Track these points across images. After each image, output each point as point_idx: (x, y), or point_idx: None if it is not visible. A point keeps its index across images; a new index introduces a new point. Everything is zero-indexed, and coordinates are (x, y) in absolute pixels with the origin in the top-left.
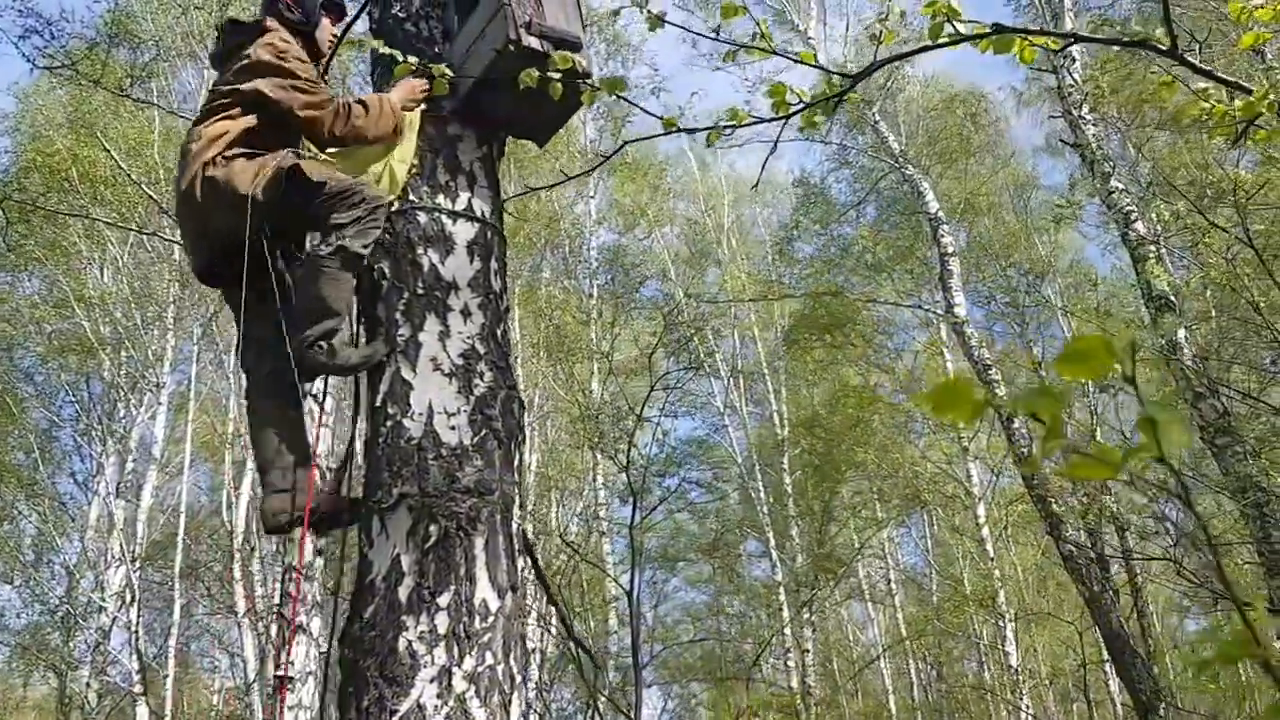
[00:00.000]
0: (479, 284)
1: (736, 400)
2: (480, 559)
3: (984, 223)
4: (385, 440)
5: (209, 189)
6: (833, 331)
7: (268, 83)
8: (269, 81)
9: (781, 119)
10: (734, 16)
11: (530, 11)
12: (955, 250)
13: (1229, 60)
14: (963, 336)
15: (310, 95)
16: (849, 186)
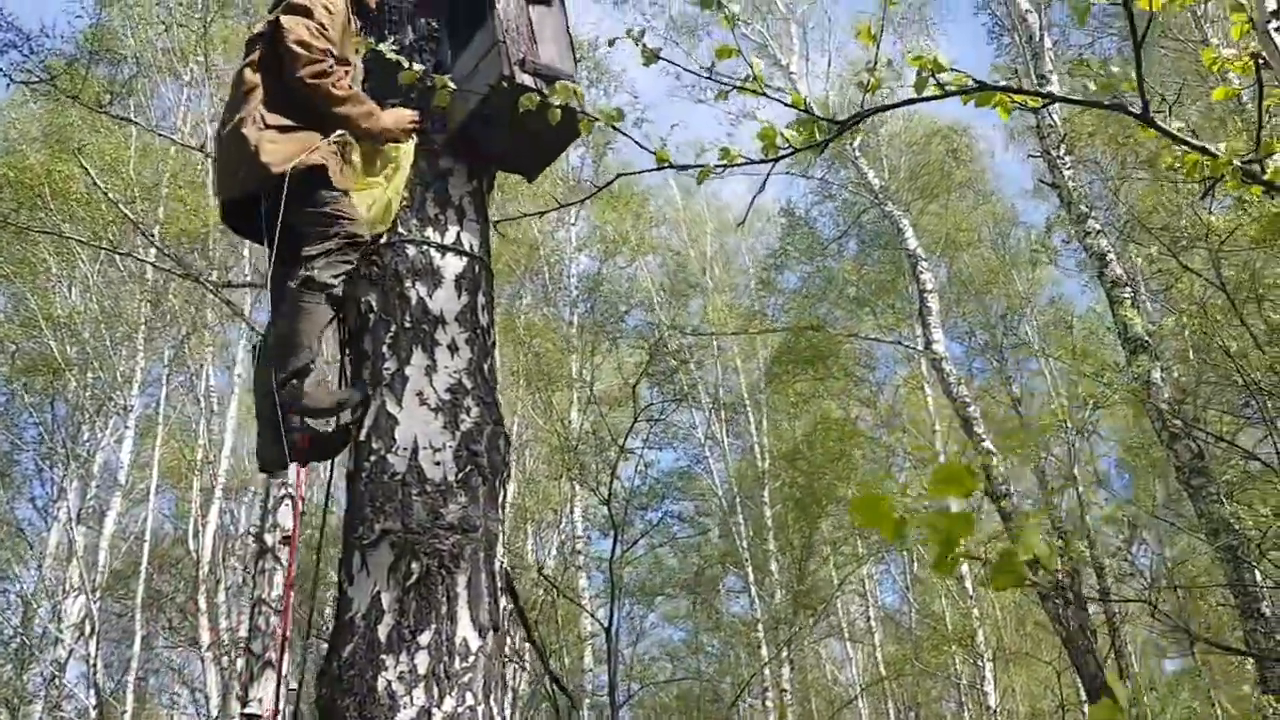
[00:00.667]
0: (466, 318)
1: (718, 431)
2: (462, 597)
3: (964, 258)
4: (368, 475)
5: (239, 146)
6: (814, 364)
7: (289, 18)
8: (291, 18)
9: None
10: (728, 57)
11: (524, 49)
12: (934, 287)
13: (1207, 105)
14: (941, 373)
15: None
16: (832, 220)
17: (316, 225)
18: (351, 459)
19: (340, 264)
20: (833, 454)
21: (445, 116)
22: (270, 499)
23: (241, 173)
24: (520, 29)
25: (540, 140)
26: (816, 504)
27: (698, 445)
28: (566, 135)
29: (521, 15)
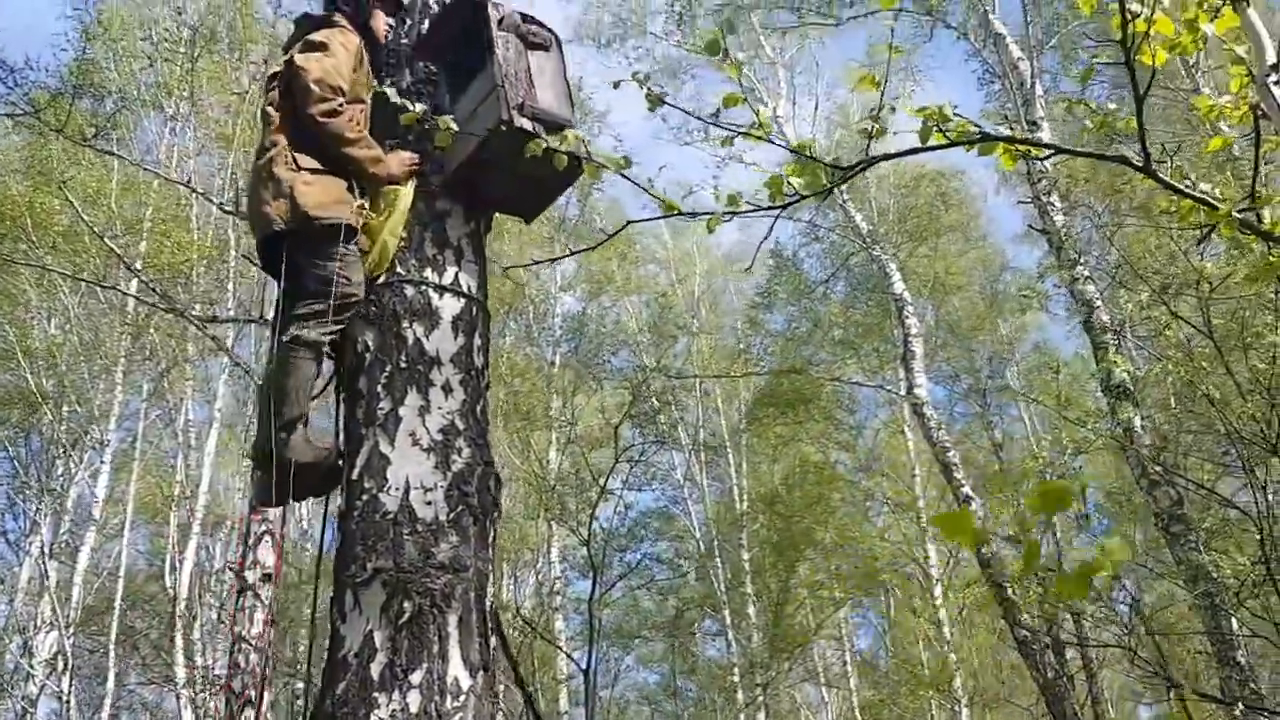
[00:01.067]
0: (461, 360)
1: (697, 473)
2: (453, 636)
3: (953, 302)
4: (360, 514)
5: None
6: (795, 408)
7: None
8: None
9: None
10: (734, 105)
11: (523, 93)
12: (919, 332)
13: (1195, 152)
14: (923, 418)
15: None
16: (819, 261)
17: (316, 283)
18: (343, 498)
19: (331, 324)
20: (811, 498)
21: (443, 159)
22: (251, 535)
23: (275, 212)
24: (519, 74)
25: (538, 184)
26: (794, 548)
27: (676, 486)
28: (564, 179)
29: (520, 60)
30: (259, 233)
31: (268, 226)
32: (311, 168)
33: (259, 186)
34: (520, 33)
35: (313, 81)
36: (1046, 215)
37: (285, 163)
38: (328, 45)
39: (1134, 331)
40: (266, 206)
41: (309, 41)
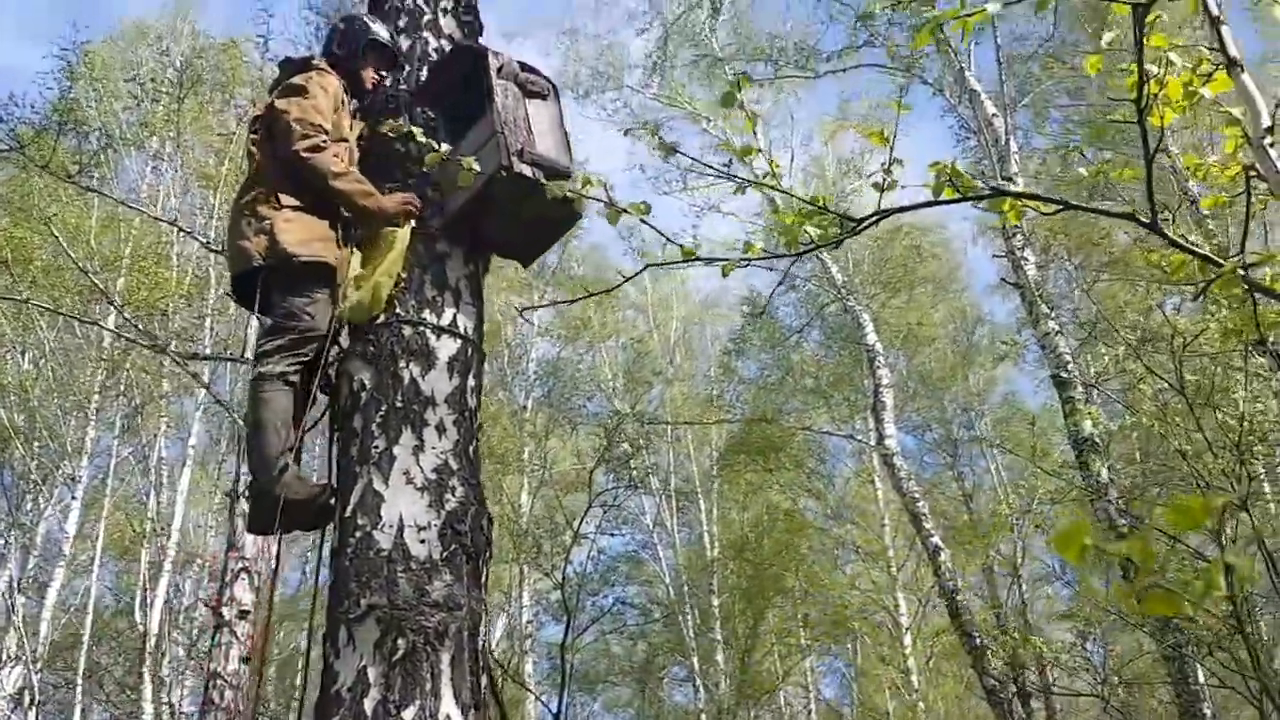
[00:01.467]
0: (456, 400)
1: (668, 518)
2: (446, 675)
3: (924, 353)
4: (354, 550)
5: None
6: (766, 455)
7: (284, 100)
8: (286, 100)
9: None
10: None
11: (523, 140)
12: (890, 383)
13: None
14: (892, 469)
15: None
16: (794, 309)
17: (281, 317)
18: (336, 535)
19: (294, 358)
20: (781, 545)
21: (444, 202)
22: (228, 572)
23: (255, 248)
24: (518, 121)
25: (536, 228)
26: (762, 595)
27: (646, 531)
28: (562, 224)
29: (519, 108)
30: (237, 267)
31: (246, 262)
32: (293, 205)
33: (239, 223)
34: (519, 81)
35: (293, 121)
36: (1020, 269)
37: (267, 201)
38: (306, 88)
39: (1106, 385)
40: (246, 242)
41: (288, 85)
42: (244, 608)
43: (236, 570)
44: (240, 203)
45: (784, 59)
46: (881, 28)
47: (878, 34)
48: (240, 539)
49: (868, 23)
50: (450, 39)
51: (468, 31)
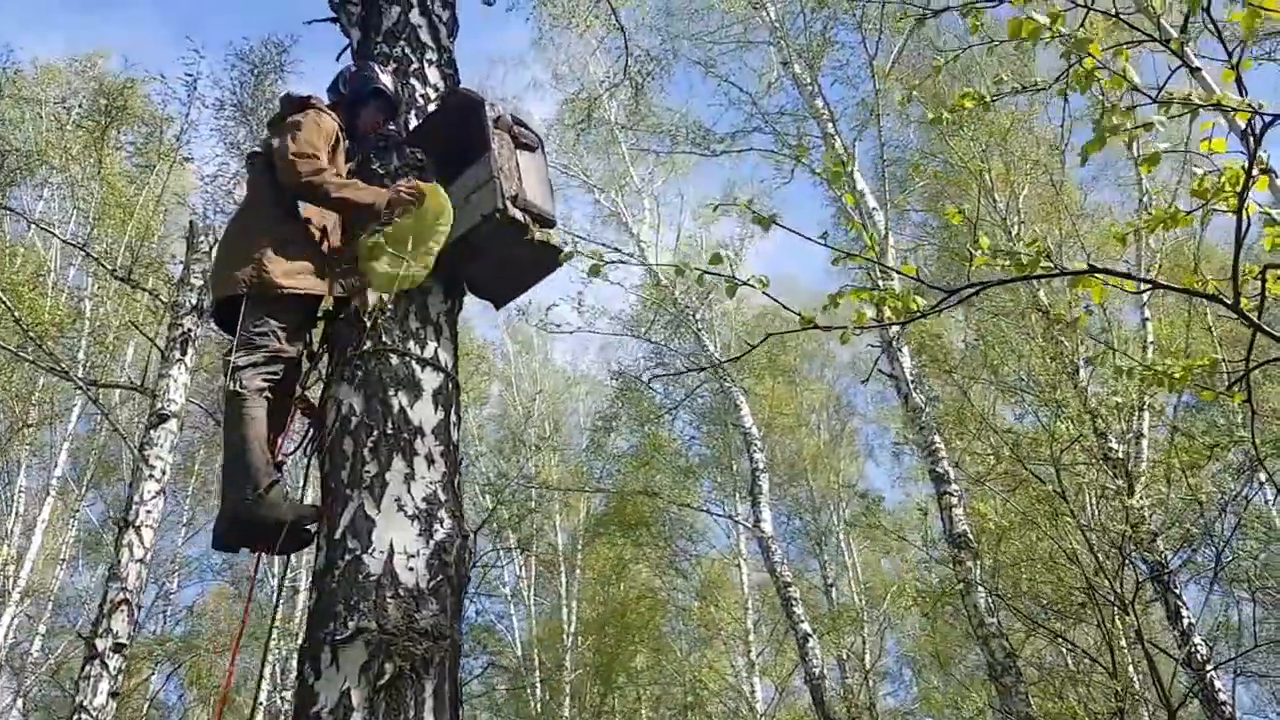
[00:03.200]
0: (441, 433)
1: (525, 588)
2: (429, 704)
3: (786, 441)
4: (342, 573)
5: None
6: (636, 529)
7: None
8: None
9: (900, 323)
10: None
11: (515, 187)
12: (766, 466)
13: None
14: (767, 552)
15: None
16: (664, 387)
17: (254, 336)
18: (321, 556)
19: (267, 375)
20: (641, 622)
21: None
22: (106, 603)
23: (243, 276)
24: (511, 169)
25: (516, 272)
26: (616, 673)
27: (505, 600)
28: (540, 270)
29: (512, 158)
30: (221, 293)
31: (231, 288)
32: (287, 237)
33: (230, 252)
34: (512, 133)
35: (291, 154)
36: (896, 361)
37: (262, 230)
38: (301, 123)
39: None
40: (233, 269)
41: (288, 123)
42: (120, 640)
43: (116, 601)
44: (231, 231)
45: (681, 134)
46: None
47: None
48: (124, 570)
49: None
50: (435, 88)
51: (449, 83)
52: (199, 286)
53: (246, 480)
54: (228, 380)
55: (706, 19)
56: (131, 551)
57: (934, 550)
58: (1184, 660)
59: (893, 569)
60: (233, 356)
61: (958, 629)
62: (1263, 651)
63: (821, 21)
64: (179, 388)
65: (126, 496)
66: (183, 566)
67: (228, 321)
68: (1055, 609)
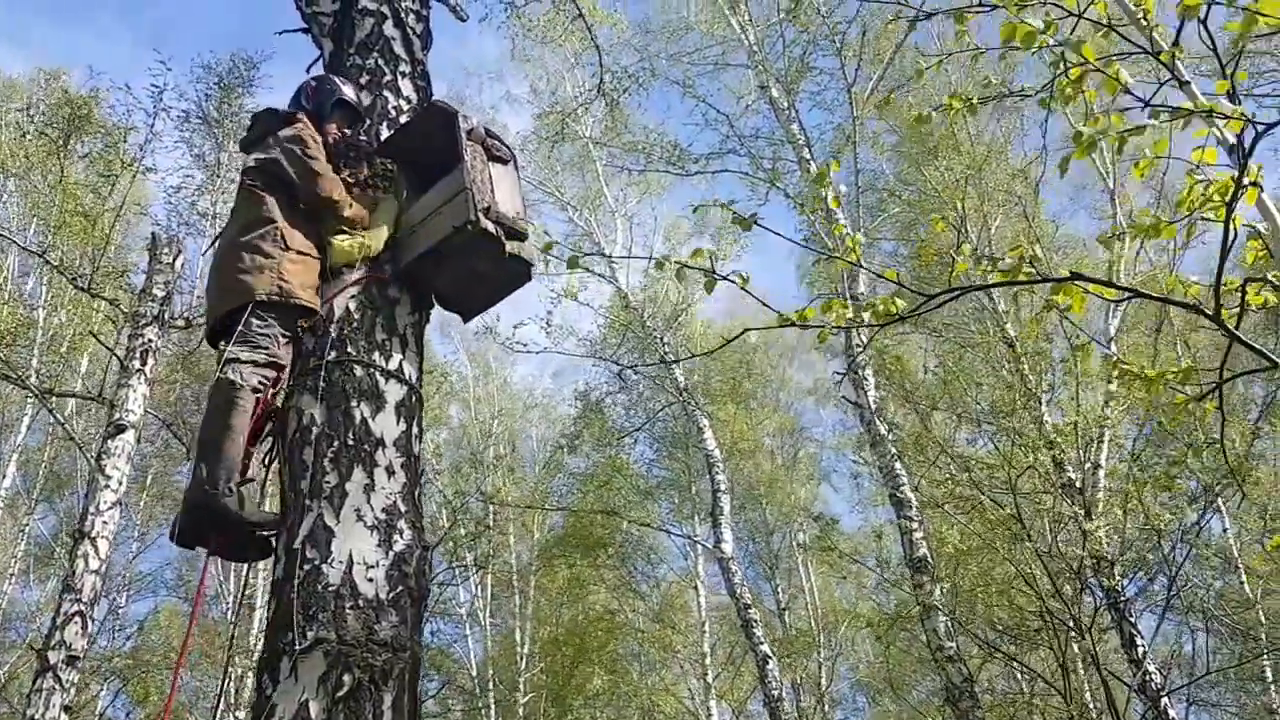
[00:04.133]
0: (402, 445)
1: (480, 610)
2: (387, 716)
3: (748, 464)
4: (301, 583)
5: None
6: (594, 551)
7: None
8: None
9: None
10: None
11: (488, 199)
12: (728, 488)
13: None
14: (728, 573)
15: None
16: (625, 410)
17: (257, 336)
18: (280, 566)
19: (263, 375)
20: (597, 644)
21: (398, 249)
22: (60, 615)
23: (258, 283)
24: (484, 182)
25: (485, 285)
26: (571, 695)
27: (459, 621)
28: (511, 284)
29: (484, 170)
30: (231, 302)
31: (244, 296)
32: (299, 250)
33: (235, 259)
34: (485, 145)
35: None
36: (860, 389)
37: (274, 241)
38: (305, 140)
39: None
40: (246, 277)
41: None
42: (73, 653)
43: (70, 614)
44: (240, 240)
45: (656, 155)
46: (748, 136)
47: (745, 141)
48: (79, 581)
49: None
50: (408, 100)
51: (422, 96)
52: (160, 297)
53: (219, 468)
54: (222, 369)
55: (685, 39)
56: (87, 563)
57: (890, 574)
58: (1138, 687)
59: (847, 594)
60: (233, 349)
61: (912, 654)
62: (1213, 681)
63: (801, 46)
64: (138, 398)
65: (82, 508)
66: (134, 581)
67: (222, 334)
68: (1012, 634)
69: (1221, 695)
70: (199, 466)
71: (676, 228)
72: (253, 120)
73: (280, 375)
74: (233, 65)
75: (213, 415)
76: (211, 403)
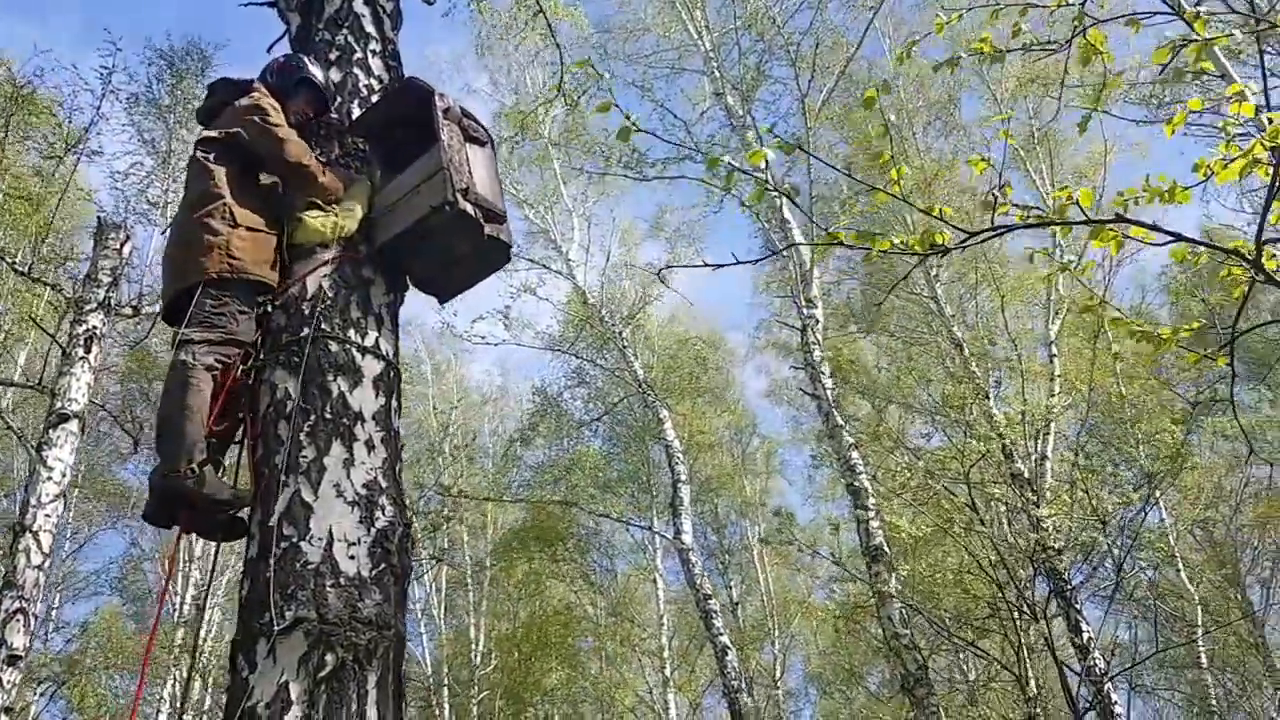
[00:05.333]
0: (382, 419)
1: (435, 606)
2: (372, 695)
3: (704, 459)
4: (278, 561)
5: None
6: (552, 544)
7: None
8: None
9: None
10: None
11: (466, 180)
12: (687, 479)
13: None
14: (687, 564)
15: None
16: (583, 404)
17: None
18: (254, 544)
19: (220, 355)
20: (554, 640)
21: (373, 230)
22: (1, 612)
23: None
24: (461, 162)
25: (463, 266)
26: (527, 691)
27: (414, 618)
28: (489, 266)
29: (461, 151)
30: (184, 281)
31: (196, 274)
32: (249, 226)
33: (185, 237)
34: (462, 126)
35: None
36: (817, 381)
37: (223, 218)
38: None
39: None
40: (196, 255)
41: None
42: (15, 652)
43: (12, 611)
44: (191, 218)
45: (614, 157)
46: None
47: (700, 147)
48: (20, 577)
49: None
50: (379, 79)
51: (393, 75)
52: (107, 283)
53: (180, 450)
54: (178, 352)
55: (642, 40)
56: (29, 557)
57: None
58: (1084, 672)
59: (800, 587)
60: (186, 330)
61: (863, 644)
62: (1150, 668)
63: (757, 55)
64: (81, 387)
65: (22, 500)
66: (66, 580)
67: (180, 313)
68: (966, 620)
69: (1157, 680)
70: (158, 449)
71: (632, 230)
72: (209, 90)
73: (242, 351)
74: (188, 49)
75: (168, 397)
76: (167, 385)
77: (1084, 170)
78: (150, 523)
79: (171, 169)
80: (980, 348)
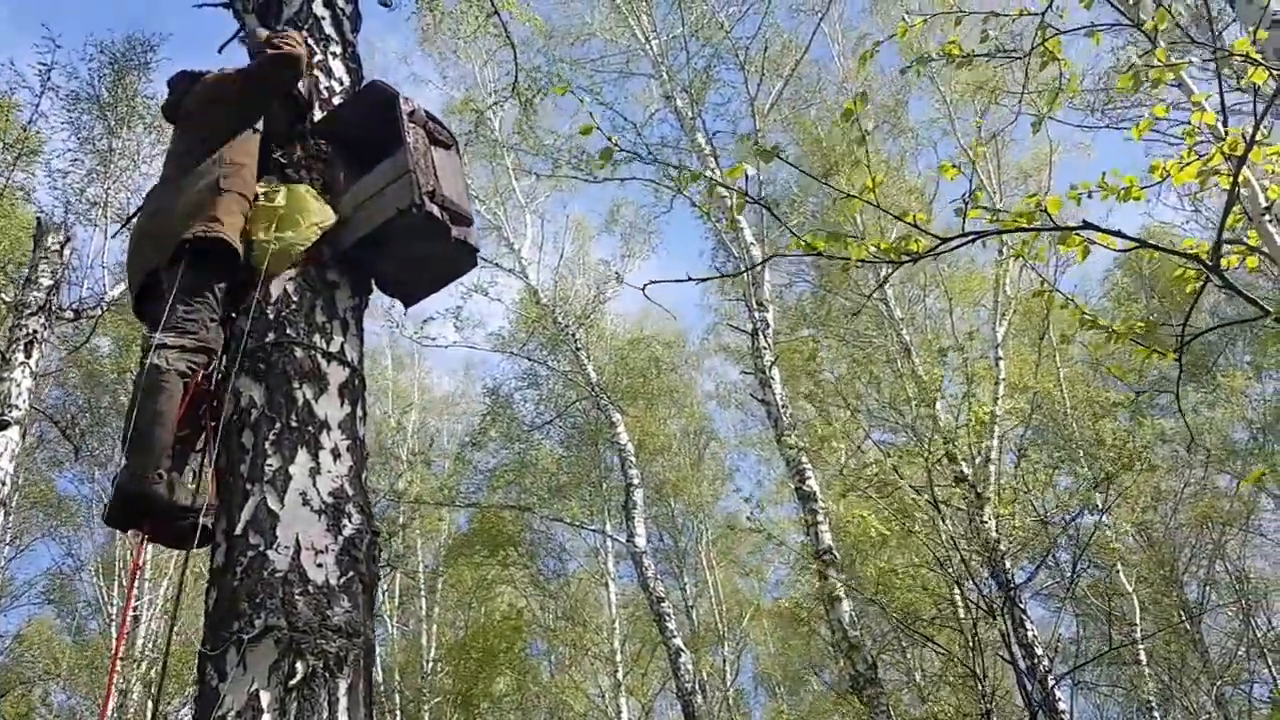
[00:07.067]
0: (348, 427)
1: (389, 615)
2: (343, 703)
3: (656, 462)
4: (244, 569)
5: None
6: (503, 548)
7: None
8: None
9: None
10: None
11: (432, 183)
12: (640, 482)
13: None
14: (640, 567)
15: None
16: (534, 407)
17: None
18: (220, 553)
19: (192, 361)
20: (504, 645)
21: (338, 233)
22: None
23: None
24: (426, 164)
25: (429, 269)
26: (477, 699)
27: None
28: (456, 270)
29: (427, 153)
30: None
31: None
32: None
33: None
34: (427, 128)
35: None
36: (768, 386)
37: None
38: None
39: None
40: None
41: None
42: None
43: None
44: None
45: (564, 158)
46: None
47: (651, 149)
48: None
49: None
50: (340, 82)
51: (354, 78)
52: (47, 286)
53: (148, 457)
54: (151, 356)
55: (588, 44)
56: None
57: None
58: (1028, 671)
59: (753, 588)
60: (159, 335)
61: (812, 647)
62: (1091, 666)
63: (705, 59)
64: (21, 393)
65: None
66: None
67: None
68: (919, 617)
69: (1098, 677)
70: (127, 453)
71: (585, 225)
72: (169, 86)
73: (210, 360)
74: (129, 45)
75: (140, 402)
76: (138, 390)
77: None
78: (110, 525)
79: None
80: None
